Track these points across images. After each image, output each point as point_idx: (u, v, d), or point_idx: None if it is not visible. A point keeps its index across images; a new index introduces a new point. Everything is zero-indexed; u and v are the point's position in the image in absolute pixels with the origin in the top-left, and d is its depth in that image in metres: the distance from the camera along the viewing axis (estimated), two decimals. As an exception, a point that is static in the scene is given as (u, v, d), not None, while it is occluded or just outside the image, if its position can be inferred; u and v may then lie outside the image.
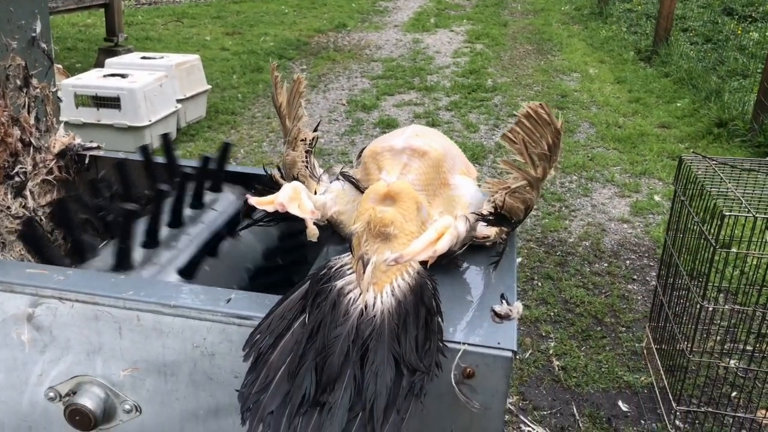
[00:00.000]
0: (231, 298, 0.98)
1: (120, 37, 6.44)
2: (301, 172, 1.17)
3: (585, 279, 3.31)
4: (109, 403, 1.03)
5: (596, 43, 8.48)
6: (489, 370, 0.89)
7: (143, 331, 0.98)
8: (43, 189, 1.45)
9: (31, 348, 1.02)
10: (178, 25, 9.18)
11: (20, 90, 1.38)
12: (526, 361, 2.71)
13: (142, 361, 1.00)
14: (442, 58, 7.71)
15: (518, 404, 2.49)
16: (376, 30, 9.29)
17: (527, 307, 3.05)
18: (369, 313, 0.88)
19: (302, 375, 0.84)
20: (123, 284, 1.01)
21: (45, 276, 1.02)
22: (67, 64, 6.33)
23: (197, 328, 0.96)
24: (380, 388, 0.82)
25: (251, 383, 0.86)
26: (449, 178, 1.12)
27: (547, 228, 3.80)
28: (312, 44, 8.39)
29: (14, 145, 1.37)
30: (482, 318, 0.96)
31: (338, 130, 5.34)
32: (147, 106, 4.53)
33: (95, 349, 1.01)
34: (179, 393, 1.00)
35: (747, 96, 5.59)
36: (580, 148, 5.01)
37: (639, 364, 2.71)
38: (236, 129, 5.34)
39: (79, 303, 0.99)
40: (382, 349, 0.85)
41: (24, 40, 1.39)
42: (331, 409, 0.81)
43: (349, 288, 0.92)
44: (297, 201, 1.01)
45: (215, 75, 6.59)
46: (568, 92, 6.41)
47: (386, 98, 6.16)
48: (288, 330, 0.89)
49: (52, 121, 1.49)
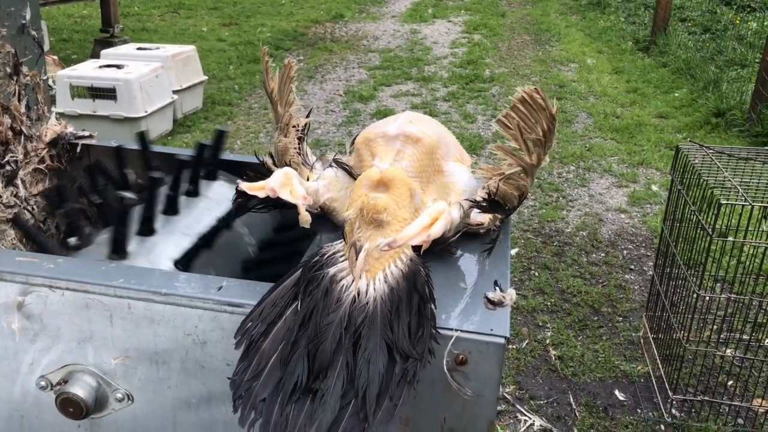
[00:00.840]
0: (222, 286, 0.97)
1: (116, 28, 6.40)
2: (294, 159, 1.16)
3: (582, 269, 3.31)
4: (100, 392, 1.02)
5: (594, 33, 8.45)
6: (482, 356, 0.88)
7: (134, 320, 0.98)
8: (35, 178, 1.43)
9: (21, 337, 1.01)
10: (175, 16, 9.13)
11: (10, 78, 1.37)
12: (523, 350, 2.71)
13: (133, 350, 0.99)
14: (440, 48, 7.68)
15: (515, 394, 2.49)
16: (374, 20, 9.25)
17: (524, 297, 3.04)
18: (361, 300, 0.88)
19: (294, 362, 0.83)
20: (113, 272, 1.00)
21: (35, 264, 1.01)
22: (63, 56, 6.29)
23: (189, 315, 0.96)
24: (373, 375, 0.81)
25: (243, 371, 0.85)
26: (443, 165, 1.11)
27: (544, 218, 3.80)
28: (309, 35, 8.35)
29: (5, 133, 1.35)
30: (475, 305, 0.95)
31: (335, 121, 5.33)
32: (143, 97, 4.51)
33: (86, 337, 1.00)
34: (171, 381, 1.00)
35: (745, 86, 5.58)
36: (578, 138, 4.99)
37: (636, 353, 2.71)
38: (233, 120, 5.32)
39: (69, 291, 0.98)
40: (374, 336, 0.84)
41: (14, 28, 1.37)
42: (323, 396, 0.81)
43: (342, 275, 0.91)
44: (288, 186, 1.00)
45: (212, 66, 6.57)
46: (565, 82, 6.39)
47: (383, 89, 6.13)
48: (280, 317, 0.88)
49: (44, 109, 1.48)
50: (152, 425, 1.03)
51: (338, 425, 0.78)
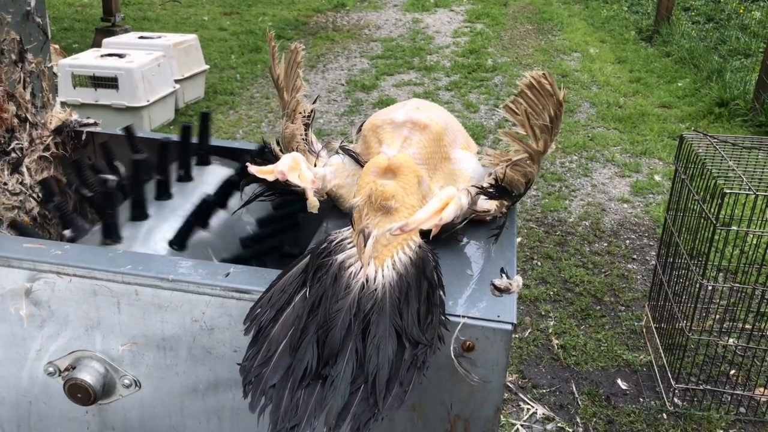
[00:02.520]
0: (230, 272, 0.97)
1: (117, 17, 6.38)
2: (300, 146, 1.15)
3: (585, 258, 3.31)
4: (108, 378, 1.02)
5: (597, 22, 8.41)
6: (489, 342, 0.88)
7: (142, 306, 0.98)
8: (40, 165, 1.43)
9: (29, 323, 1.01)
10: (176, 5, 9.10)
11: (15, 65, 1.37)
12: (526, 339, 2.72)
13: (141, 336, 0.99)
14: (442, 37, 7.65)
15: (518, 382, 2.50)
16: (376, 10, 9.21)
17: (527, 286, 3.05)
18: (370, 287, 0.88)
19: (304, 348, 0.83)
20: (121, 258, 1.00)
21: (42, 250, 1.01)
22: (64, 45, 6.28)
23: (196, 302, 0.96)
24: (382, 361, 0.81)
25: (252, 357, 0.85)
26: (450, 152, 1.10)
27: (547, 208, 3.79)
28: (311, 24, 8.32)
29: (10, 120, 1.35)
30: (482, 291, 0.95)
31: (337, 110, 5.31)
32: (145, 86, 4.50)
33: (94, 324, 1.00)
34: (179, 368, 1.00)
35: (748, 75, 5.56)
36: (581, 128, 4.98)
37: (638, 342, 2.71)
38: (235, 109, 5.31)
39: (77, 278, 0.98)
40: (383, 323, 0.84)
41: (18, 14, 1.37)
42: (333, 381, 0.81)
43: (350, 262, 0.91)
44: (297, 171, 1.00)
45: (213, 55, 6.55)
46: (568, 72, 6.36)
47: (386, 78, 6.12)
48: (289, 304, 0.88)
49: (48, 97, 1.47)
50: (159, 411, 1.04)
51: (348, 410, 0.78)
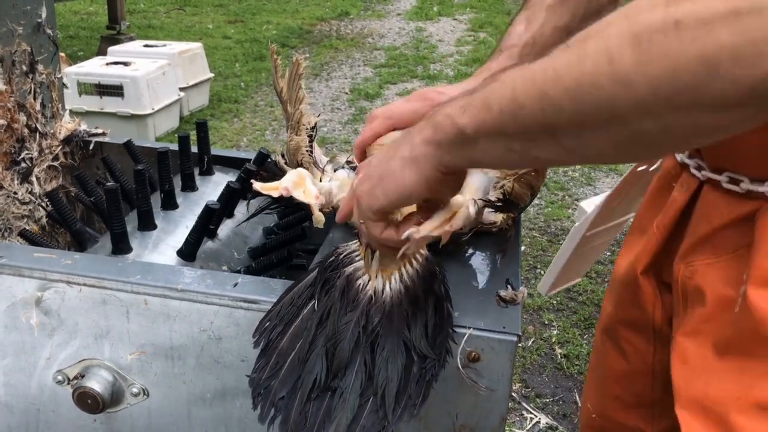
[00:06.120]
0: (238, 282, 0.98)
1: (122, 25, 6.42)
2: (305, 159, 1.17)
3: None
4: (116, 387, 1.03)
5: (600, 32, 8.43)
6: (494, 353, 0.89)
7: (151, 315, 0.99)
8: (49, 175, 1.45)
9: (39, 332, 1.03)
10: (181, 13, 9.15)
11: (26, 76, 1.38)
12: (529, 348, 2.72)
13: (149, 345, 1.00)
14: (445, 46, 7.69)
15: (521, 391, 2.50)
16: (379, 18, 9.26)
17: (530, 295, 3.05)
18: (378, 299, 0.88)
19: (313, 361, 0.84)
20: (130, 268, 1.01)
21: (53, 260, 1.02)
22: (70, 52, 6.32)
23: (204, 312, 0.97)
24: (391, 374, 0.82)
25: (261, 369, 0.86)
26: (456, 165, 1.11)
27: (550, 217, 3.80)
28: (314, 32, 8.36)
29: (21, 130, 1.37)
30: (487, 303, 0.96)
31: (341, 118, 5.34)
32: (150, 94, 4.53)
33: (103, 332, 1.01)
34: (186, 376, 1.01)
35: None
36: (584, 137, 5.00)
37: (641, 352, 2.72)
38: (239, 117, 5.34)
39: (87, 287, 0.99)
40: (392, 336, 0.85)
41: (29, 26, 1.39)
42: (342, 394, 0.81)
43: (358, 275, 0.92)
44: (302, 187, 1.01)
45: (218, 63, 6.58)
46: (571, 81, 6.38)
47: (389, 87, 6.14)
48: (297, 317, 0.89)
49: (58, 107, 1.49)
50: (167, 420, 1.05)
51: (357, 422, 0.79)
